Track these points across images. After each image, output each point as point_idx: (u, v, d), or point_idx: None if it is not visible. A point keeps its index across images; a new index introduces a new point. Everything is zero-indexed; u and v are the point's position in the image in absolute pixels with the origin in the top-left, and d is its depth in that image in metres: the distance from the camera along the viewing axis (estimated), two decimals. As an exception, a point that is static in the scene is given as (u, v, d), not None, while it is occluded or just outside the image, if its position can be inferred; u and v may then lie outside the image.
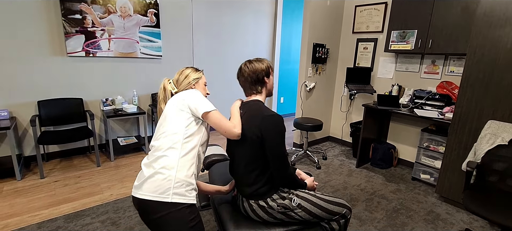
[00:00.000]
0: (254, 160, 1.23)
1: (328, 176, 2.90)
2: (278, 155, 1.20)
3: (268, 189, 1.26)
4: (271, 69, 1.37)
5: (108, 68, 3.16)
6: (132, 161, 3.05)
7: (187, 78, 1.32)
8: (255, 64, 1.32)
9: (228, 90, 4.38)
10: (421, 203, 2.42)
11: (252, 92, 1.35)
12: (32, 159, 2.87)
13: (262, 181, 1.25)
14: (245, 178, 1.27)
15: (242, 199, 1.32)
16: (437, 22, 2.59)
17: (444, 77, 2.85)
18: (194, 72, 1.35)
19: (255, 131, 1.20)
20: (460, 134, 2.25)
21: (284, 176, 1.24)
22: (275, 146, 1.19)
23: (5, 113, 2.54)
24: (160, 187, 1.00)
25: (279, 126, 1.20)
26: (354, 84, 3.45)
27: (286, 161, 1.23)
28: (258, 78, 1.32)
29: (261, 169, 1.24)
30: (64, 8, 2.74)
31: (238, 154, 1.28)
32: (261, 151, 1.22)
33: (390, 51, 2.99)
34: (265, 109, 1.24)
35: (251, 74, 1.31)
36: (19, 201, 2.15)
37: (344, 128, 3.94)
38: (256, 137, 1.19)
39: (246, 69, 1.32)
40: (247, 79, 1.32)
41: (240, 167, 1.28)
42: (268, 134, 1.18)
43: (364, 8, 3.45)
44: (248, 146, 1.23)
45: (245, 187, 1.28)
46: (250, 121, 1.23)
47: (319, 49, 3.49)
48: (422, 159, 2.81)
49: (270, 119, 1.19)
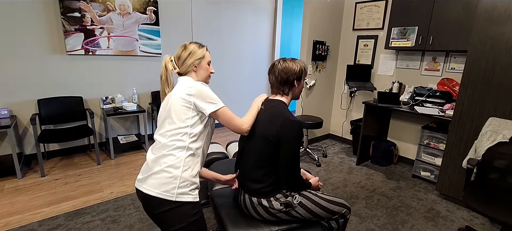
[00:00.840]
0: (265, 158, 1.22)
1: (328, 173, 2.90)
2: (291, 161, 1.20)
3: (273, 189, 1.26)
4: (304, 73, 1.30)
5: (107, 67, 3.16)
6: (132, 159, 3.05)
7: (190, 57, 1.19)
8: (288, 63, 1.26)
9: (226, 89, 4.38)
10: (421, 201, 2.42)
11: (279, 92, 1.31)
12: (32, 157, 2.87)
13: (268, 180, 1.24)
14: (252, 174, 1.26)
15: (244, 194, 1.31)
16: (438, 18, 2.57)
17: (445, 74, 2.83)
18: (198, 48, 1.22)
19: (272, 132, 1.18)
20: (461, 131, 2.24)
21: (292, 180, 1.24)
22: (290, 151, 1.18)
23: (6, 112, 2.54)
24: (165, 184, 1.02)
25: (299, 132, 1.18)
26: (355, 81, 3.44)
27: (297, 167, 1.22)
28: (288, 79, 1.26)
29: (269, 168, 1.23)
30: (63, 6, 2.73)
31: (250, 149, 1.27)
32: (273, 152, 1.20)
33: (391, 48, 2.98)
34: (287, 113, 1.21)
35: (281, 73, 1.25)
36: (20, 199, 2.15)
37: (344, 126, 3.93)
38: (273, 138, 1.18)
39: (279, 66, 1.26)
40: (277, 77, 1.27)
41: (248, 162, 1.27)
42: (286, 138, 1.16)
43: (364, 5, 3.43)
44: (262, 144, 1.21)
45: (250, 182, 1.27)
46: (269, 120, 1.21)
47: (319, 47, 3.48)
48: (422, 156, 2.80)
49: (290, 123, 1.17)
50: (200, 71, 1.23)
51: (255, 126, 1.24)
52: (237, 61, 4.38)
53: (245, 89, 4.60)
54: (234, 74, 4.40)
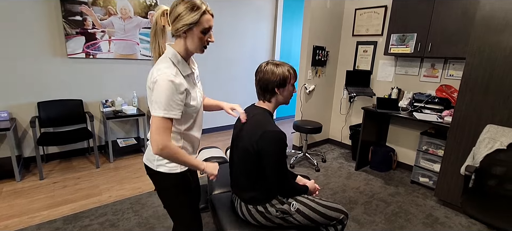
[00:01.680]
0: (250, 169, 1.22)
1: (327, 178, 2.90)
2: (277, 172, 1.17)
3: (267, 195, 1.26)
4: (289, 79, 1.20)
5: (108, 70, 3.17)
6: (131, 162, 3.05)
7: (178, 21, 0.99)
8: (269, 68, 1.19)
9: (226, 92, 4.39)
10: (420, 206, 2.42)
11: (261, 98, 1.26)
12: (31, 160, 2.87)
13: (260, 189, 1.25)
14: (243, 183, 1.27)
15: (240, 203, 1.31)
16: (436, 26, 2.60)
17: (443, 80, 2.85)
18: (189, 11, 0.97)
19: (252, 144, 1.15)
20: (459, 137, 2.25)
21: (283, 189, 1.24)
22: (273, 164, 1.15)
23: (5, 114, 2.55)
24: (150, 155, 1.14)
25: (279, 143, 1.13)
26: (354, 87, 3.46)
27: (284, 176, 1.19)
28: (267, 87, 1.20)
29: (259, 177, 1.23)
30: (64, 9, 2.75)
31: (237, 158, 1.28)
32: (257, 163, 1.18)
33: (390, 55, 3.00)
34: (267, 123, 1.16)
35: (262, 79, 1.20)
36: (19, 202, 2.15)
37: (343, 131, 3.94)
38: (253, 150, 1.16)
39: (262, 69, 1.20)
40: (258, 82, 1.22)
41: (237, 172, 1.28)
42: (266, 151, 1.13)
43: (364, 11, 3.46)
44: (244, 155, 1.21)
45: (242, 191, 1.28)
46: (250, 132, 1.18)
47: (319, 52, 3.50)
48: (421, 162, 2.81)
49: (270, 135, 1.12)
50: (190, 39, 1.03)
51: (237, 136, 1.25)
52: (237, 65, 4.40)
53: (244, 93, 4.61)
54: (233, 78, 4.42)
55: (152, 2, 3.29)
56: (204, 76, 4.06)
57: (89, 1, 2.87)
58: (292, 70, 1.22)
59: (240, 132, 1.25)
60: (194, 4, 0.98)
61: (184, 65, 1.06)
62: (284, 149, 1.16)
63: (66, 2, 2.75)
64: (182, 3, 0.98)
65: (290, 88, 1.24)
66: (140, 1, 3.19)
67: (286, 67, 1.20)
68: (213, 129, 4.37)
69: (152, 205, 2.19)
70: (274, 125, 1.17)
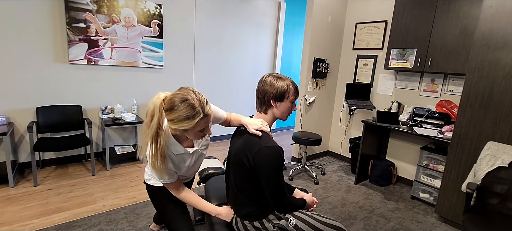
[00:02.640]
0: (247, 184, 1.18)
1: (326, 192, 2.86)
2: (274, 189, 1.13)
3: (263, 211, 1.22)
4: (288, 94, 1.17)
5: (109, 77, 3.17)
6: (128, 170, 3.01)
7: (173, 123, 1.02)
8: (270, 79, 1.16)
9: (228, 102, 4.39)
10: (420, 223, 2.37)
11: (258, 109, 1.24)
12: (27, 166, 2.83)
13: (256, 205, 1.21)
14: (238, 198, 1.24)
15: (236, 218, 1.28)
16: (436, 41, 2.62)
17: (443, 96, 2.86)
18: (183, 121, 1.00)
19: (248, 159, 1.12)
20: (460, 153, 2.23)
21: (281, 205, 1.20)
22: (271, 180, 1.11)
23: (3, 119, 2.53)
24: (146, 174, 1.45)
25: (276, 160, 1.09)
26: (354, 99, 3.46)
27: (282, 192, 1.16)
28: (264, 98, 1.17)
29: (255, 193, 1.19)
30: (69, 16, 2.77)
31: (233, 173, 1.24)
32: (252, 178, 1.15)
33: (390, 69, 3.01)
34: (264, 138, 1.12)
35: (260, 90, 1.18)
36: (10, 209, 2.10)
37: (343, 143, 3.92)
38: (249, 165, 1.12)
39: (263, 80, 1.18)
40: (257, 92, 1.20)
41: (233, 186, 1.25)
42: (262, 168, 1.09)
43: (364, 26, 3.50)
44: (239, 170, 1.17)
45: (238, 206, 1.25)
46: (246, 146, 1.14)
47: (319, 64, 3.52)
48: (421, 178, 2.78)
49: (265, 152, 1.08)
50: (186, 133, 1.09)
51: (233, 150, 1.22)
52: (238, 76, 4.41)
53: (245, 104, 4.61)
54: (234, 89, 4.42)
55: (156, 11, 3.33)
56: (205, 86, 4.06)
57: (94, 9, 2.91)
58: (292, 86, 1.19)
59: (236, 146, 1.21)
60: (189, 114, 0.99)
61: (175, 145, 1.19)
62: (281, 165, 1.12)
63: (71, 9, 2.78)
64: (181, 106, 0.99)
65: (288, 104, 1.20)
66: (144, 10, 3.23)
67: (287, 82, 1.18)
68: (212, 138, 4.34)
69: (147, 215, 2.14)
70: (270, 140, 1.13)
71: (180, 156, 1.23)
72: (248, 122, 1.20)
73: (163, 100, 1.03)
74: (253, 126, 1.17)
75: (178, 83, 3.75)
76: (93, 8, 2.90)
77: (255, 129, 1.15)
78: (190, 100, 1.00)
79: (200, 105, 1.01)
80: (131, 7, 3.14)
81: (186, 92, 1.02)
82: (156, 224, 1.92)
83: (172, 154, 1.19)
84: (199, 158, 1.37)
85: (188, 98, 1.00)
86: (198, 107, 1.01)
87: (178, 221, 1.34)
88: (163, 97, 1.04)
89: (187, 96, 1.00)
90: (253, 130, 1.15)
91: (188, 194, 1.31)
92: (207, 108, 1.04)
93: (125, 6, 3.10)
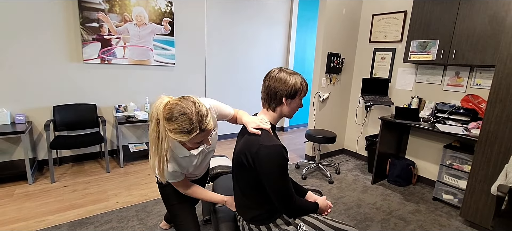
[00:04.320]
0: (249, 187, 1.12)
1: (341, 192, 2.74)
2: (278, 191, 1.05)
3: (271, 214, 1.15)
4: (301, 91, 1.12)
5: (122, 75, 3.21)
6: (141, 168, 3.04)
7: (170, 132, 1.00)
8: (282, 75, 1.09)
9: (239, 99, 4.34)
10: (443, 227, 2.22)
11: (265, 105, 1.16)
12: (45, 163, 2.92)
13: (262, 208, 1.15)
14: (243, 201, 1.18)
15: (242, 221, 1.22)
16: (461, 31, 2.42)
17: (469, 90, 2.65)
18: (179, 134, 0.98)
19: (248, 159, 1.06)
20: (488, 152, 2.05)
21: (288, 209, 1.11)
22: (273, 182, 1.03)
23: (22, 117, 2.61)
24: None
25: (276, 159, 1.01)
26: (371, 95, 3.30)
27: (288, 194, 1.08)
28: (276, 94, 1.10)
29: (260, 195, 1.12)
30: (82, 16, 2.82)
31: (237, 174, 1.19)
32: (254, 179, 1.08)
33: (410, 62, 2.83)
34: (264, 137, 1.06)
35: (271, 85, 1.10)
36: (28, 206, 2.17)
37: (359, 141, 3.76)
38: (249, 166, 1.06)
39: (272, 76, 1.11)
40: (266, 88, 1.12)
41: (238, 188, 1.20)
42: (263, 168, 1.02)
43: (381, 17, 3.32)
44: (243, 171, 1.11)
45: (244, 209, 1.19)
46: (247, 145, 1.08)
47: (333, 59, 3.38)
48: (444, 178, 2.60)
49: (265, 151, 1.01)
50: None
51: (237, 150, 1.17)
52: (250, 73, 4.35)
53: (257, 101, 4.54)
54: (246, 85, 4.37)
55: (167, 9, 3.32)
56: (216, 83, 4.04)
57: (106, 8, 2.94)
58: (305, 83, 1.14)
59: (238, 146, 1.16)
60: (186, 129, 0.98)
61: (180, 148, 1.17)
62: (283, 165, 1.03)
63: (84, 9, 2.82)
64: (178, 119, 0.97)
65: (297, 102, 1.15)
66: (155, 8, 3.24)
67: (300, 79, 1.12)
68: (222, 137, 4.32)
69: (157, 213, 2.13)
70: (271, 139, 1.06)
71: (186, 158, 1.21)
72: (247, 121, 1.15)
73: (165, 106, 1.01)
74: (251, 124, 1.11)
75: (189, 80, 3.74)
76: (105, 7, 2.93)
77: (254, 128, 1.10)
78: (188, 114, 0.97)
79: (198, 120, 0.99)
80: (142, 6, 3.15)
81: (185, 105, 0.99)
82: (167, 222, 1.90)
83: (178, 157, 1.18)
84: (206, 156, 1.35)
85: (187, 112, 0.97)
86: (195, 123, 0.98)
87: (185, 219, 1.35)
88: (166, 102, 1.02)
89: (185, 110, 0.97)
90: (251, 129, 1.10)
91: (195, 189, 1.32)
92: (205, 123, 1.01)
93: (137, 4, 3.11)
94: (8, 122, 2.56)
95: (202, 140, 1.06)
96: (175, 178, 1.22)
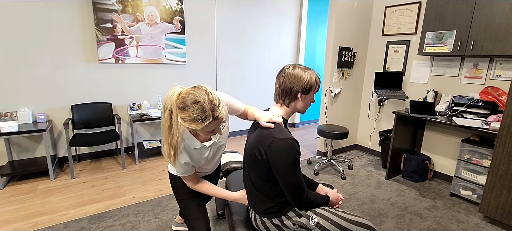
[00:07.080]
0: (262, 180, 1.14)
1: (354, 187, 2.71)
2: (290, 184, 1.07)
3: (282, 207, 1.16)
4: (314, 87, 1.15)
5: (135, 74, 3.29)
6: (155, 164, 3.11)
7: (184, 121, 1.02)
8: (298, 71, 1.12)
9: (250, 95, 4.35)
10: (461, 223, 2.16)
11: (279, 101, 1.19)
12: (65, 160, 3.05)
13: (274, 201, 1.16)
14: (255, 194, 1.19)
15: (254, 215, 1.24)
16: (480, 21, 2.33)
17: (488, 82, 2.55)
18: (193, 122, 1.00)
19: (260, 152, 1.08)
20: (510, 146, 1.97)
21: (300, 202, 1.13)
22: (285, 174, 1.05)
23: (43, 116, 2.73)
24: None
25: (289, 152, 1.03)
26: (384, 89, 3.23)
27: (300, 188, 1.10)
28: (291, 90, 1.12)
29: (272, 188, 1.14)
30: (97, 17, 2.90)
31: (248, 168, 1.20)
32: (266, 172, 1.10)
33: (425, 54, 2.75)
34: (277, 130, 1.08)
35: (286, 81, 1.12)
36: (51, 200, 2.27)
37: (372, 136, 3.70)
38: (262, 159, 1.08)
39: (287, 72, 1.13)
40: (281, 84, 1.14)
41: (249, 182, 1.21)
42: (275, 160, 1.04)
43: (395, 9, 3.23)
44: (255, 164, 1.13)
45: (256, 202, 1.20)
46: (259, 139, 1.10)
47: (345, 53, 3.33)
48: (462, 173, 2.52)
49: (278, 144, 1.03)
50: None
51: (249, 144, 1.18)
52: (260, 69, 4.35)
53: (268, 96, 4.54)
54: (256, 82, 4.37)
55: (177, 7, 3.36)
56: (227, 79, 4.06)
57: (119, 9, 3.01)
58: (318, 79, 1.17)
59: (250, 140, 1.17)
60: (199, 117, 0.99)
61: (192, 139, 1.19)
62: (295, 158, 1.05)
63: (99, 11, 2.90)
64: (192, 108, 0.99)
65: (311, 97, 1.18)
66: (166, 7, 3.28)
67: (314, 75, 1.16)
68: (234, 133, 4.35)
69: (172, 208, 2.19)
70: (284, 132, 1.08)
71: (198, 150, 1.22)
72: (260, 115, 1.17)
73: (178, 96, 1.03)
74: (264, 118, 1.14)
75: (201, 78, 3.79)
76: (118, 8, 3.00)
77: (266, 122, 1.12)
78: (201, 102, 0.99)
79: (210, 109, 1.00)
80: (153, 5, 3.20)
81: (199, 93, 1.01)
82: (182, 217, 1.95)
83: (189, 148, 1.19)
84: (218, 150, 1.36)
85: (200, 100, 0.99)
86: (208, 111, 1.00)
87: (193, 213, 1.36)
88: (179, 92, 1.04)
89: (198, 98, 0.99)
90: (264, 123, 1.12)
91: (204, 185, 1.33)
92: (218, 111, 1.02)
93: (148, 4, 3.17)
94: (30, 121, 2.69)
95: (215, 129, 1.08)
96: (186, 172, 1.24)
